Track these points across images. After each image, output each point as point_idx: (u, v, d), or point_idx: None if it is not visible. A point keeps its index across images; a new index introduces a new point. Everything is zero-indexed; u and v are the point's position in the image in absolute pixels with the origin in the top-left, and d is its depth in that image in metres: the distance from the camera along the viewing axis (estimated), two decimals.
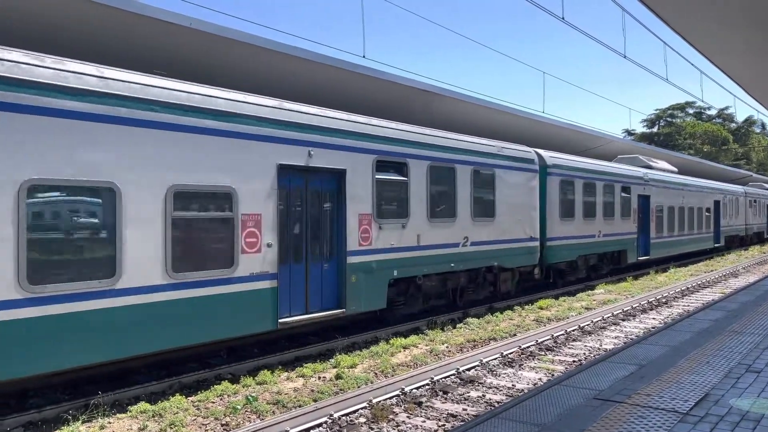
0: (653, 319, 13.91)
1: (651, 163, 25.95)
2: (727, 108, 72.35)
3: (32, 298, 6.50)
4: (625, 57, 16.16)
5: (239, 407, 7.33)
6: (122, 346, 7.35)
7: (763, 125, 76.66)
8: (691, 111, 73.28)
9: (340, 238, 10.55)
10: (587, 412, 5.10)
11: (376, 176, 11.11)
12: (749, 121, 74.65)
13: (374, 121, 11.52)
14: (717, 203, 32.31)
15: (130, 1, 10.22)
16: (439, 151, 12.74)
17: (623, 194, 21.13)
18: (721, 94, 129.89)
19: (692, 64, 45.69)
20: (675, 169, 28.28)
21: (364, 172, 10.93)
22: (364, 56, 13.13)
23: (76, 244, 7.00)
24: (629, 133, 70.76)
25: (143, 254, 7.51)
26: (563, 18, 12.63)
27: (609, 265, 21.08)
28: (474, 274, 14.15)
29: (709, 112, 73.59)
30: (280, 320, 9.41)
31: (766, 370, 6.54)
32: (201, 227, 8.33)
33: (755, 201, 41.42)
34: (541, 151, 17.04)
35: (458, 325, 12.77)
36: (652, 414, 5.06)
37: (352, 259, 10.57)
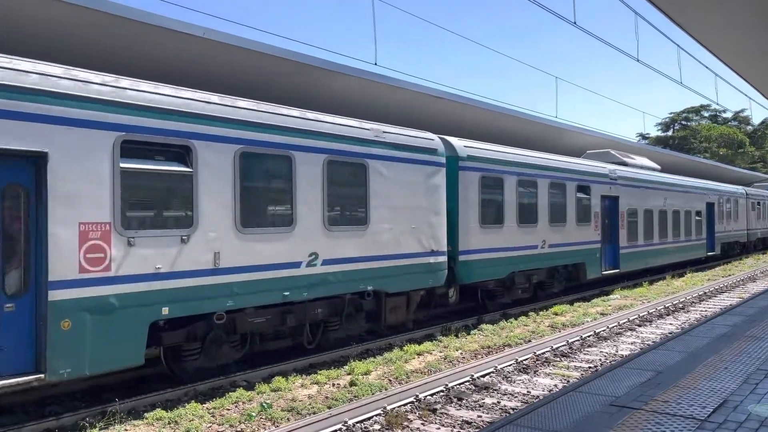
0: (670, 324, 13.76)
1: (627, 160, 22.11)
2: (743, 110, 71.63)
3: None
4: (638, 60, 16.08)
5: (254, 414, 7.36)
6: None
7: None
8: (706, 114, 72.56)
9: (37, 261, 6.82)
10: (603, 419, 5.06)
11: (122, 164, 7.40)
12: (766, 124, 73.75)
13: (108, 77, 7.59)
14: (710, 206, 28.63)
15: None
16: (262, 131, 9.06)
17: (580, 195, 17.35)
18: (737, 97, 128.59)
19: (706, 67, 45.46)
20: (657, 167, 24.80)
21: (92, 158, 7.16)
22: (375, 63, 13.15)
23: None
24: (643, 137, 70.23)
25: None
26: (575, 22, 12.61)
27: (563, 282, 17.26)
28: (335, 302, 10.55)
29: (724, 115, 72.86)
30: None
31: None
32: None
33: (759, 203, 37.38)
34: (451, 139, 13.41)
35: (472, 332, 12.72)
36: (670, 421, 5.01)
37: (62, 294, 6.80)
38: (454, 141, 13.44)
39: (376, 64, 13.30)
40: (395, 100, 16.24)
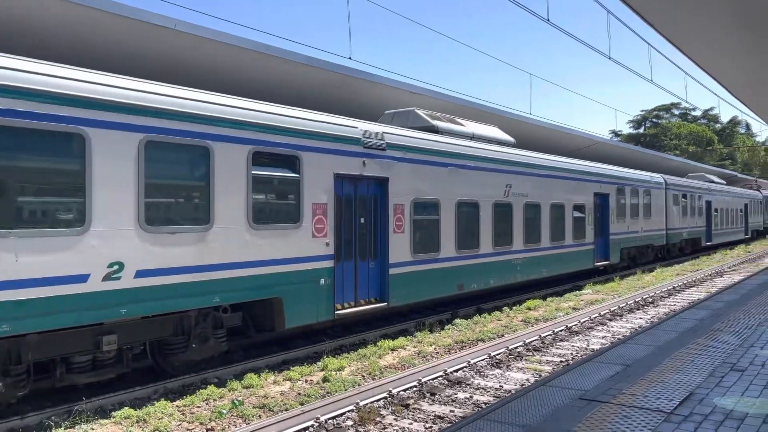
0: (640, 318, 14.00)
1: (439, 124, 14.27)
2: (712, 109, 73.22)
3: None
4: (609, 58, 16.26)
5: (225, 411, 7.28)
6: None
7: (747, 126, 77.61)
8: (676, 112, 74.03)
9: None
10: (572, 413, 5.11)
11: None
12: (734, 122, 75.54)
13: None
14: (602, 198, 20.99)
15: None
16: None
17: (260, 172, 9.41)
18: (706, 96, 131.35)
19: (677, 66, 46.24)
20: (509, 140, 16.91)
21: None
22: (350, 58, 13.04)
23: None
24: (616, 134, 71.31)
25: None
26: (548, 19, 12.69)
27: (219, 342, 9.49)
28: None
29: (694, 113, 74.41)
30: None
31: (750, 369, 6.59)
32: None
33: (685, 196, 29.29)
34: None
35: (446, 327, 12.76)
36: (637, 414, 5.08)
37: None
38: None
39: (350, 58, 13.18)
40: (371, 95, 16.17)
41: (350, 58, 13.40)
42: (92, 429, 6.75)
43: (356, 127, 11.33)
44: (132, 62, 11.71)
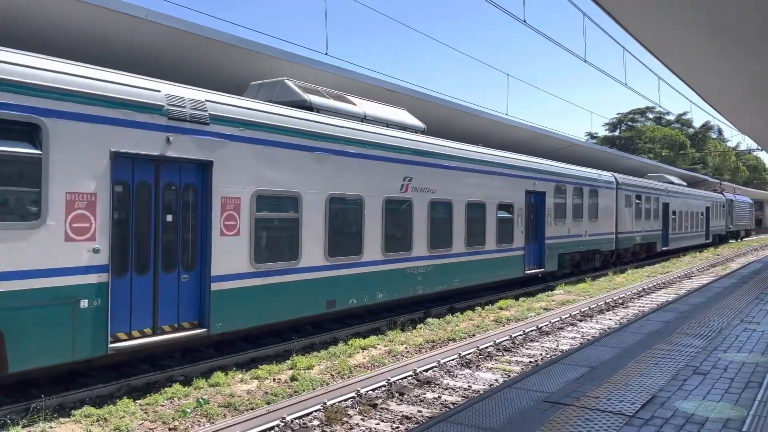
0: (609, 319, 14.17)
1: (312, 99, 11.51)
2: (685, 113, 74.56)
3: None
4: (585, 61, 16.41)
5: (189, 411, 7.16)
6: None
7: (719, 131, 79.18)
8: (651, 115, 75.24)
9: None
10: (536, 415, 5.12)
11: None
12: (706, 127, 77.03)
13: None
14: (537, 196, 18.40)
15: None
16: None
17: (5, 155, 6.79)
18: (679, 101, 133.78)
19: (650, 70, 46.94)
20: (417, 125, 14.31)
21: None
22: (327, 53, 12.89)
23: None
24: (592, 136, 72.22)
25: None
26: (524, 20, 12.74)
27: None
28: None
29: (668, 117, 75.71)
30: None
31: (713, 373, 6.69)
32: None
33: (639, 197, 27.15)
34: None
35: (419, 326, 12.76)
36: (599, 416, 5.11)
37: None
38: None
39: (327, 54, 13.03)
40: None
41: (326, 54, 13.26)
42: (51, 428, 6.59)
43: (158, 91, 8.34)
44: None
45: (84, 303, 7.39)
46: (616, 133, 74.56)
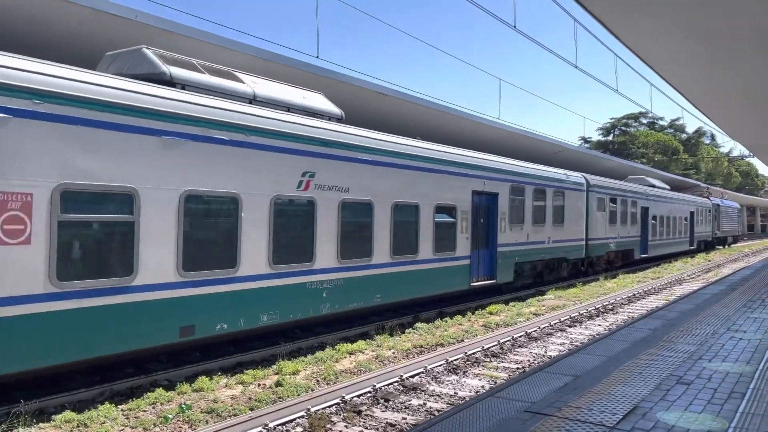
0: (599, 325, 14.17)
1: (211, 81, 9.89)
2: (678, 119, 74.96)
3: None
4: (576, 67, 16.43)
5: (171, 416, 7.10)
6: None
7: (712, 136, 79.59)
8: (644, 121, 75.57)
9: None
10: (516, 426, 5.10)
11: None
12: (699, 132, 77.42)
13: None
14: (489, 198, 16.29)
15: None
16: None
17: None
18: (670, 107, 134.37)
19: (642, 76, 47.12)
20: (332, 112, 12.10)
21: None
22: (318, 56, 12.85)
23: None
24: (585, 140, 72.46)
25: None
26: (515, 26, 12.75)
27: None
28: None
29: (661, 123, 76.07)
30: None
31: (696, 383, 6.69)
32: None
33: (615, 201, 25.20)
34: None
35: (407, 330, 12.73)
36: (580, 428, 5.09)
37: None
38: None
39: (318, 57, 12.97)
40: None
41: (318, 57, 13.17)
42: None
43: None
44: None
45: None
46: (610, 137, 74.84)
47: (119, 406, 7.47)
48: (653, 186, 32.85)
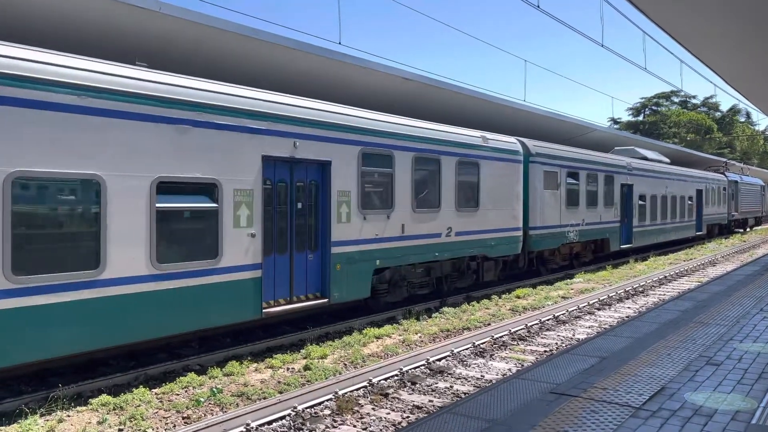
0: (628, 308, 14.01)
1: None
2: (711, 97, 72.89)
3: None
4: (602, 46, 16.09)
5: (203, 399, 7.29)
6: None
7: (747, 114, 77.29)
8: (676, 99, 73.71)
9: None
10: (541, 407, 5.11)
11: None
12: (734, 110, 75.21)
13: None
14: (315, 172, 10.58)
15: None
16: None
17: None
18: (702, 84, 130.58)
19: (672, 53, 45.74)
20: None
21: None
22: (340, 43, 12.77)
23: None
24: (615, 121, 71.07)
25: None
26: (538, 6, 12.54)
27: None
28: None
29: (694, 101, 74.09)
30: None
31: (726, 363, 6.59)
32: None
33: (576, 176, 19.26)
34: None
35: (434, 315, 12.78)
36: (605, 408, 5.08)
37: None
38: None
39: (340, 43, 12.95)
40: (361, 82, 16.04)
41: (339, 43, 13.18)
42: (68, 416, 6.77)
43: None
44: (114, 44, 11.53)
45: None
46: (640, 117, 73.24)
47: (153, 390, 7.69)
48: (645, 159, 26.47)
